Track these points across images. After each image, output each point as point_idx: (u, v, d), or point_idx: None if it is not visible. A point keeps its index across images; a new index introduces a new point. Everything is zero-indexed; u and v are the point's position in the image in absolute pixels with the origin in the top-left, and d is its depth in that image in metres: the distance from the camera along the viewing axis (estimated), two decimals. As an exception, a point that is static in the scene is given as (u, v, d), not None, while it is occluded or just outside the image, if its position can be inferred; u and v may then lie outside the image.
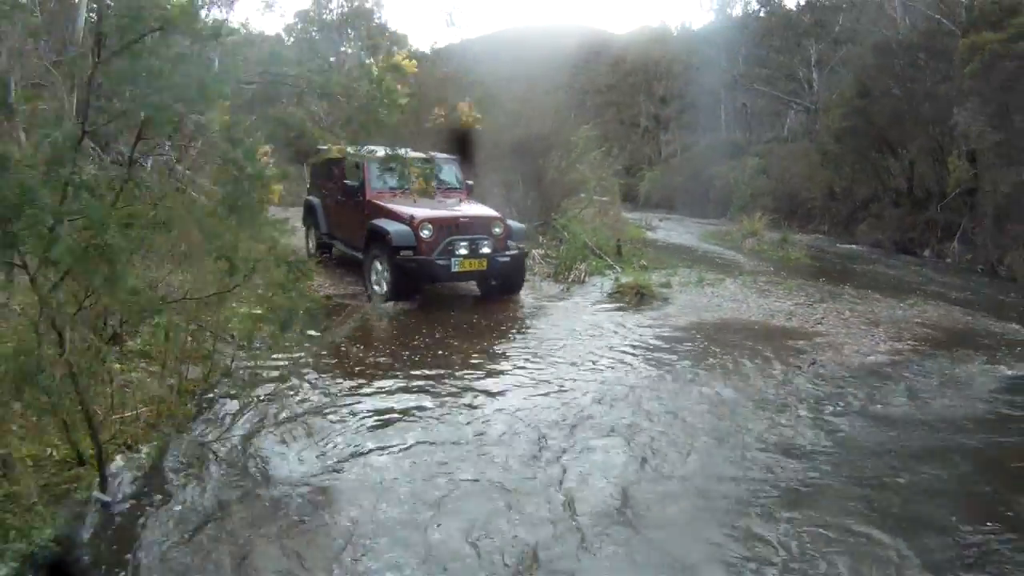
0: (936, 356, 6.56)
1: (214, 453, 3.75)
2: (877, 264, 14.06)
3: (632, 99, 34.40)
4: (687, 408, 4.89)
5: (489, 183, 9.59)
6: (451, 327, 7.00)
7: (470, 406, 4.77)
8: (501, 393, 5.07)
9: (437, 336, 6.65)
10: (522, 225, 9.02)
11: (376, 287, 7.92)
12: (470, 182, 9.45)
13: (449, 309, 7.89)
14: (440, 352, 6.14)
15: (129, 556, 2.90)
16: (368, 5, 37.70)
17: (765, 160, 24.30)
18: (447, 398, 4.91)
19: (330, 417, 4.43)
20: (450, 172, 9.17)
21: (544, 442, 4.19)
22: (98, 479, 3.21)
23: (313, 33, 33.17)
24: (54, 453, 3.38)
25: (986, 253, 14.57)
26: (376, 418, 4.45)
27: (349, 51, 36.38)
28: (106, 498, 3.21)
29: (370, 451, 3.95)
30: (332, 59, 31.80)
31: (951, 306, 9.27)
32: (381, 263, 7.86)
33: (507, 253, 8.13)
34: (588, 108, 30.76)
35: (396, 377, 5.32)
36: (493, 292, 8.48)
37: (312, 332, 5.38)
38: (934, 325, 7.97)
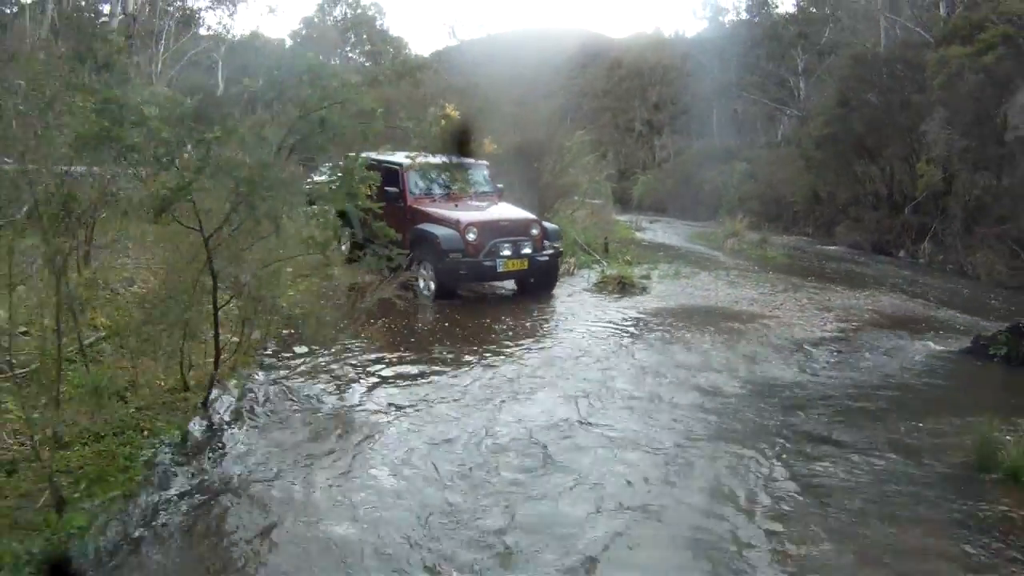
0: (873, 334, 7.63)
1: (287, 388, 4.93)
2: (851, 263, 14.93)
3: (627, 104, 35.35)
4: (651, 364, 6.10)
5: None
6: (455, 308, 8.07)
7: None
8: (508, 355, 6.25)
9: (446, 312, 7.80)
10: (556, 226, 9.52)
11: (423, 289, 8.28)
12: (500, 185, 9.88)
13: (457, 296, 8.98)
14: (446, 324, 7.34)
15: (228, 455, 3.98)
16: (370, 12, 38.88)
17: (753, 165, 25.30)
18: (449, 359, 6.11)
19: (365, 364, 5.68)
20: (482, 176, 9.57)
21: (536, 379, 5.55)
22: (201, 402, 4.31)
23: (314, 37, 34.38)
24: (162, 383, 4.48)
25: (956, 254, 15.46)
26: (393, 369, 5.67)
27: (352, 55, 37.61)
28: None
29: (388, 385, 5.24)
30: (336, 61, 33.09)
31: (907, 297, 10.30)
32: (426, 266, 8.27)
33: (545, 253, 8.66)
34: (584, 112, 31.85)
35: (408, 340, 6.58)
36: (530, 290, 8.98)
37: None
38: (883, 312, 9.01)
